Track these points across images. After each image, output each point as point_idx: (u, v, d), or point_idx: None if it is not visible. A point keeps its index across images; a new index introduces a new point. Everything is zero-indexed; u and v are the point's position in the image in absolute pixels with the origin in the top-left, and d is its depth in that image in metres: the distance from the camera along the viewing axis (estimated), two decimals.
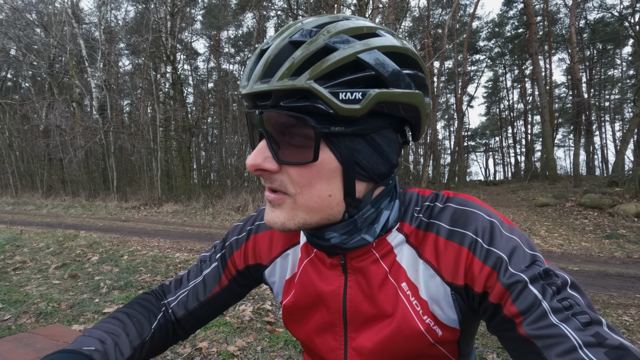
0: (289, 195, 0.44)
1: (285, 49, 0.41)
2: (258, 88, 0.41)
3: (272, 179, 0.45)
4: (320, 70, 0.39)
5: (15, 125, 18.36)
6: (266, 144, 0.43)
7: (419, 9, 18.70)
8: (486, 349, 2.20)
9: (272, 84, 0.40)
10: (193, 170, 17.32)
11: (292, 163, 0.42)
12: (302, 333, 0.60)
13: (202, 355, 2.04)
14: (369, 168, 0.45)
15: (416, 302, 0.50)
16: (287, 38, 0.41)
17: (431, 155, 15.86)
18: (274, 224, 0.46)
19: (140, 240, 5.92)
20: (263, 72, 0.41)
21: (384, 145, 0.45)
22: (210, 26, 20.96)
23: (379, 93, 0.41)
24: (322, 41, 0.40)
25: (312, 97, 0.40)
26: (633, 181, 8.16)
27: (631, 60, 16.86)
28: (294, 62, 0.39)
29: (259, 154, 0.43)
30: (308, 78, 0.39)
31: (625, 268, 4.48)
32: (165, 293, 0.67)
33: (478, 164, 48.96)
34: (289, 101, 0.40)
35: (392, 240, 0.52)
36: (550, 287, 0.41)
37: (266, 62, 0.41)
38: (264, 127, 0.43)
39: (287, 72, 0.39)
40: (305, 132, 0.41)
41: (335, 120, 0.41)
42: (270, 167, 0.43)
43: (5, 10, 15.45)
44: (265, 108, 0.42)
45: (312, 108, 0.40)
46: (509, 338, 0.43)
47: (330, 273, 0.55)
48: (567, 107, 20.77)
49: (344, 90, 0.40)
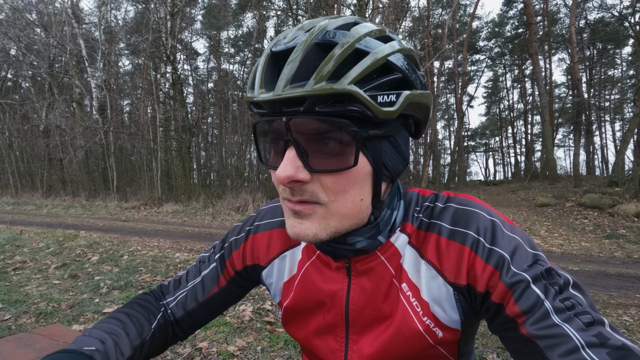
0: (320, 204, 0.42)
1: (312, 52, 0.39)
2: (291, 93, 0.38)
3: (303, 190, 0.42)
4: (359, 74, 0.38)
5: (15, 125, 18.36)
6: (295, 153, 0.40)
7: (419, 9, 18.69)
8: (486, 349, 2.20)
9: (309, 88, 0.37)
10: (193, 170, 17.31)
11: (328, 170, 0.40)
12: (303, 334, 0.60)
13: (202, 355, 2.04)
14: (392, 168, 0.46)
15: (416, 303, 0.49)
16: (313, 40, 0.39)
17: (431, 155, 15.86)
18: (305, 236, 0.43)
19: (140, 240, 5.92)
20: (293, 76, 0.38)
21: (402, 145, 0.46)
22: (210, 26, 20.95)
23: (410, 94, 0.41)
24: (354, 44, 0.39)
25: (348, 100, 0.38)
26: (633, 181, 8.16)
27: (631, 60, 16.87)
28: (330, 65, 0.38)
29: (290, 164, 0.40)
30: (349, 82, 0.38)
31: (625, 268, 4.48)
32: (164, 293, 0.67)
33: (478, 164, 49.01)
34: (324, 106, 0.38)
35: (395, 241, 0.52)
36: (553, 287, 0.41)
37: (295, 65, 0.38)
38: (292, 135, 0.40)
39: (325, 76, 0.37)
40: (342, 137, 0.40)
41: (371, 124, 0.41)
42: (303, 177, 0.40)
43: (5, 10, 15.46)
44: (296, 114, 0.39)
45: (349, 112, 0.38)
46: (511, 338, 0.43)
47: (333, 275, 0.55)
48: (567, 107, 20.76)
49: (381, 93, 0.40)
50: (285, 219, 0.46)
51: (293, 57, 0.39)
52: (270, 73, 0.41)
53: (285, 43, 0.41)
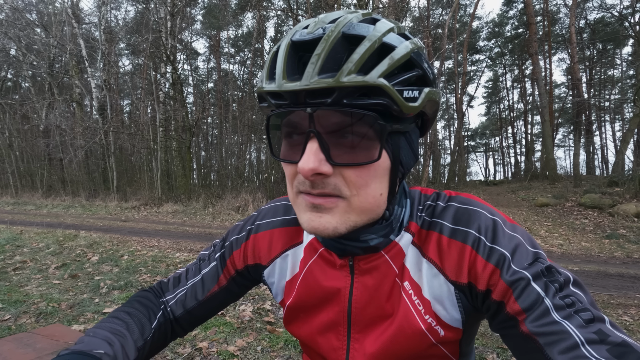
0: (342, 198, 0.42)
1: (339, 43, 0.38)
2: (320, 83, 0.37)
3: (325, 184, 0.41)
4: (387, 68, 0.38)
5: (15, 125, 18.36)
6: (318, 146, 0.40)
7: (419, 9, 18.70)
8: (486, 349, 2.20)
9: (340, 79, 0.37)
10: (193, 170, 17.30)
11: (352, 164, 0.40)
12: (305, 333, 0.60)
13: (202, 355, 2.04)
14: (406, 164, 0.46)
15: (418, 301, 0.49)
16: (340, 30, 0.39)
17: (431, 155, 15.86)
18: (324, 230, 0.43)
19: (140, 240, 5.92)
20: (321, 67, 0.37)
21: (415, 141, 0.47)
22: (210, 26, 20.94)
23: (430, 91, 0.42)
24: (381, 38, 0.39)
25: (376, 94, 0.38)
26: (633, 181, 8.16)
27: (631, 60, 16.85)
28: (360, 58, 0.37)
29: (314, 156, 0.39)
30: (379, 75, 0.38)
31: (625, 268, 4.48)
32: (164, 291, 0.67)
33: (478, 164, 49.00)
34: (351, 99, 0.38)
35: (400, 240, 0.52)
36: (553, 285, 0.41)
37: (324, 56, 0.38)
38: (315, 127, 0.39)
39: (355, 68, 0.37)
40: (366, 131, 0.40)
41: (395, 118, 0.41)
42: (327, 170, 0.40)
43: (5, 10, 15.45)
44: (322, 106, 0.38)
45: (375, 106, 0.39)
46: (511, 335, 0.43)
47: (336, 273, 0.55)
48: (567, 107, 20.76)
49: (407, 88, 0.40)
50: (300, 213, 0.45)
51: (321, 47, 0.38)
52: (292, 63, 0.40)
53: (308, 32, 0.40)
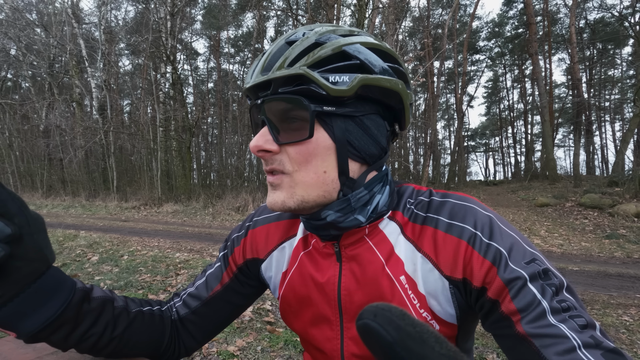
0: (286, 174, 0.48)
1: (282, 48, 0.47)
2: (259, 79, 0.46)
3: (272, 160, 0.48)
4: (313, 59, 0.45)
5: (15, 125, 18.37)
6: (267, 129, 0.48)
7: (419, 9, 18.73)
8: (486, 349, 2.20)
9: (271, 74, 0.45)
10: (193, 170, 17.32)
11: (290, 142, 0.47)
12: (299, 324, 0.61)
13: (202, 355, 2.04)
14: (361, 148, 0.49)
15: (413, 295, 0.50)
16: (284, 40, 0.48)
17: (431, 155, 15.87)
18: (275, 204, 0.49)
19: (140, 240, 5.92)
20: (263, 67, 0.47)
21: (373, 128, 0.49)
22: (210, 26, 20.96)
23: (364, 77, 0.46)
24: (313, 38, 0.46)
25: (306, 82, 0.44)
26: (633, 181, 8.16)
27: (631, 60, 16.87)
28: (289, 55, 0.45)
29: (261, 137, 0.47)
30: (302, 65, 0.44)
31: (625, 268, 4.48)
32: (174, 298, 0.68)
33: (478, 164, 49.05)
34: (286, 88, 0.45)
35: (384, 228, 0.53)
36: (550, 288, 0.42)
37: (266, 59, 0.47)
38: (265, 115, 0.47)
39: (283, 63, 0.45)
40: (301, 114, 0.46)
41: (327, 102, 0.46)
42: (271, 147, 0.47)
43: (5, 10, 15.45)
44: (266, 97, 0.46)
45: (307, 91, 0.45)
46: (505, 336, 0.43)
47: (326, 263, 0.56)
48: (567, 107, 20.76)
49: (334, 74, 0.45)
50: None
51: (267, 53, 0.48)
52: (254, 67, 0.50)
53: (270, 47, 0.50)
